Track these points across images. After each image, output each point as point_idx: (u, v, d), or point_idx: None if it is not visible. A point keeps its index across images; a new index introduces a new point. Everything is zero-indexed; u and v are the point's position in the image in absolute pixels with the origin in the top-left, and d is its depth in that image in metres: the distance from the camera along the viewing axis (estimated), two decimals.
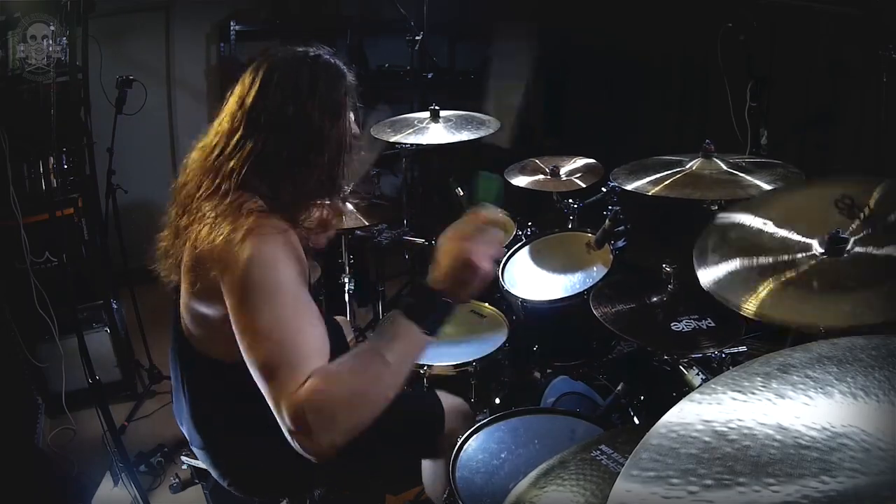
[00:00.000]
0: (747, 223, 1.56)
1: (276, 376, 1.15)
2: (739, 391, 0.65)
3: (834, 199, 1.44)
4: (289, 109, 1.36)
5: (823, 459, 0.54)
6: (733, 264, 1.43)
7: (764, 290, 1.33)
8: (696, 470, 0.57)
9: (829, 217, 1.44)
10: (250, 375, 1.25)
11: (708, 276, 1.42)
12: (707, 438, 0.60)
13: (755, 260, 1.43)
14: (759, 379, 0.66)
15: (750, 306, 1.31)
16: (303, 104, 1.37)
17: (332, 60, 1.46)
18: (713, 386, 0.67)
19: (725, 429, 0.60)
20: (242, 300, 1.23)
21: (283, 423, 1.11)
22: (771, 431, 0.59)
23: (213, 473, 1.58)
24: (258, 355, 1.19)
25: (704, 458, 0.58)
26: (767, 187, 1.88)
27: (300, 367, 1.14)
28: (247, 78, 1.41)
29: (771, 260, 1.41)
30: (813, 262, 1.37)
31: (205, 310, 1.36)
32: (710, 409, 0.64)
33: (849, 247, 1.37)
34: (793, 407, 0.62)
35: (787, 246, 1.44)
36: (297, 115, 1.36)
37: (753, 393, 0.64)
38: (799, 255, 1.40)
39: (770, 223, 1.53)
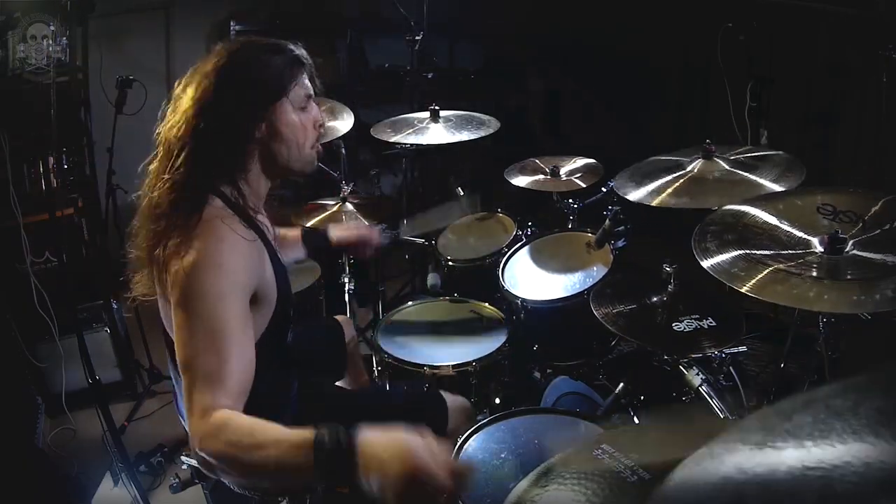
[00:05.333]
0: (749, 218, 1.58)
1: (194, 380, 1.18)
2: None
3: (816, 206, 1.52)
4: (209, 99, 1.36)
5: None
6: (733, 252, 1.45)
7: (762, 276, 1.35)
8: None
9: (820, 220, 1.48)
10: None
11: (707, 260, 1.45)
12: None
13: (755, 251, 1.45)
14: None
15: (747, 287, 1.33)
16: (220, 93, 1.36)
17: (265, 45, 1.44)
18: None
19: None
20: (179, 301, 1.24)
21: (188, 424, 1.16)
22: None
23: None
24: (183, 354, 1.21)
25: None
26: (770, 186, 1.88)
27: (216, 383, 1.17)
28: None
29: (771, 252, 1.43)
30: (812, 258, 1.39)
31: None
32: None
33: (847, 247, 1.39)
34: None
35: (787, 242, 1.47)
36: (216, 105, 1.35)
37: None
38: (798, 252, 1.43)
39: (771, 219, 1.55)
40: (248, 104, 1.37)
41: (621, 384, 2.01)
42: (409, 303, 2.44)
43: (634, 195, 2.04)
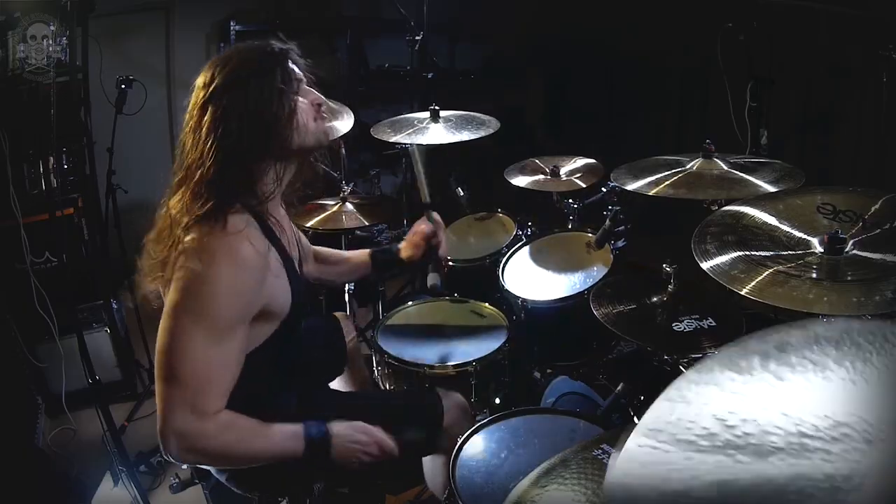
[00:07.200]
0: (748, 219, 1.57)
1: (185, 383, 1.23)
2: (737, 372, 0.65)
3: (816, 206, 1.51)
4: (214, 103, 1.38)
5: (826, 450, 0.54)
6: (733, 253, 1.45)
7: (762, 278, 1.35)
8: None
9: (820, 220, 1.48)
10: (245, 372, 1.31)
11: (707, 262, 1.45)
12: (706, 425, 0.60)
13: (755, 252, 1.44)
14: (756, 358, 0.65)
15: (747, 290, 1.33)
16: (219, 97, 1.38)
17: (260, 48, 1.45)
18: (710, 365, 0.66)
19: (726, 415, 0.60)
20: (175, 306, 1.26)
21: (168, 428, 1.23)
22: (772, 418, 0.58)
23: (213, 469, 1.58)
24: (171, 359, 1.25)
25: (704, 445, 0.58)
26: (768, 187, 1.88)
27: (205, 396, 1.24)
28: None
29: (770, 253, 1.43)
30: (812, 258, 1.39)
31: None
32: (708, 392, 0.64)
33: (847, 247, 1.39)
34: (792, 391, 0.61)
35: (786, 243, 1.47)
36: (221, 110, 1.37)
37: (752, 374, 0.64)
38: (798, 252, 1.42)
39: (771, 220, 1.55)
40: (254, 121, 1.37)
41: (621, 384, 2.01)
42: (409, 303, 2.44)
43: (632, 185, 2.04)
